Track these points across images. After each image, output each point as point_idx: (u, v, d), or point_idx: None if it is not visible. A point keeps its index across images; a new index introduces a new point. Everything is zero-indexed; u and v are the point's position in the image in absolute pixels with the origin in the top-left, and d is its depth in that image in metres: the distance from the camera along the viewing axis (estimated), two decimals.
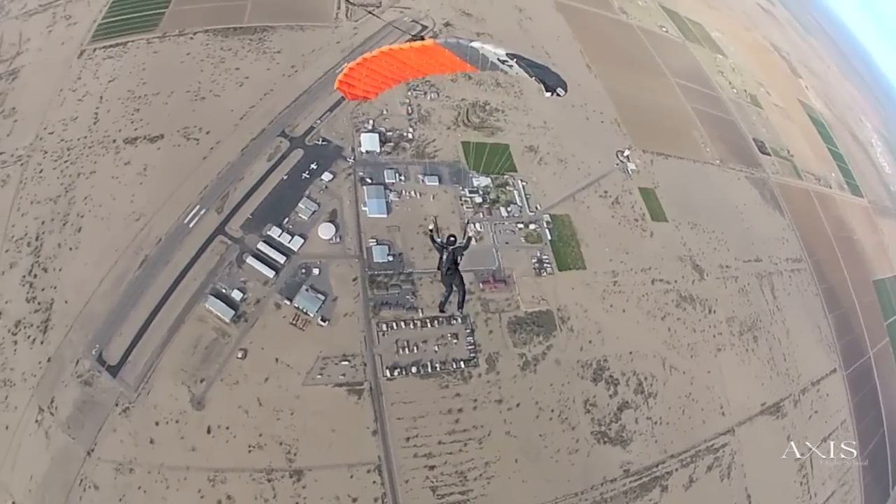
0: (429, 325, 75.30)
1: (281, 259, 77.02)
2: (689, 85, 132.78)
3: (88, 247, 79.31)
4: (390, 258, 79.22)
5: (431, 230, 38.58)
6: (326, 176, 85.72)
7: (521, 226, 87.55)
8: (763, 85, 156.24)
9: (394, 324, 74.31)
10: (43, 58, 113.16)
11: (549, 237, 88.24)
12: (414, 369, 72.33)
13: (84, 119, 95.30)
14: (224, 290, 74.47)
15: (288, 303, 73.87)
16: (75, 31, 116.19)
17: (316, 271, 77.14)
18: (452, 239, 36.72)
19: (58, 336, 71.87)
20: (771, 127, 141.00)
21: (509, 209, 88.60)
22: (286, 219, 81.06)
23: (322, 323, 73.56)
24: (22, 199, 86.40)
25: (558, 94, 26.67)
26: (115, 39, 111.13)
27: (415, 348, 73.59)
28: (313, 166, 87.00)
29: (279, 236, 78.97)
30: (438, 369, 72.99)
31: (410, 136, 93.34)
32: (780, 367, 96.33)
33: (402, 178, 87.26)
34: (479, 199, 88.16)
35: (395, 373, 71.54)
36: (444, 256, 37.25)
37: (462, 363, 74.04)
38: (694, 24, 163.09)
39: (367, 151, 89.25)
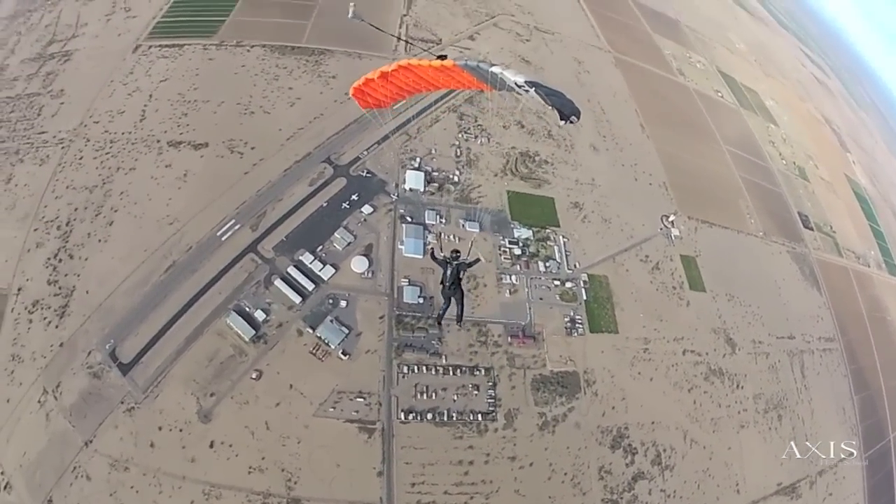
0: (451, 373, 76.49)
1: (309, 286, 79.25)
2: (739, 153, 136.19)
3: (118, 242, 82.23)
4: (420, 300, 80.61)
5: (433, 248, 38.54)
6: (367, 209, 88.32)
7: (557, 283, 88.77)
8: (812, 158, 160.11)
9: (415, 367, 75.47)
10: (98, 45, 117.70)
11: (585, 297, 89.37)
12: (430, 415, 73.35)
13: (131, 114, 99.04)
14: (247, 309, 76.82)
15: (311, 331, 75.68)
16: (133, 25, 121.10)
17: (343, 303, 79.07)
18: (456, 254, 39.15)
19: (74, 323, 74.63)
20: (816, 201, 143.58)
21: (547, 265, 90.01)
22: (320, 246, 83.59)
23: (342, 356, 75.10)
24: (58, 181, 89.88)
25: (571, 122, 27.68)
26: (171, 40, 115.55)
27: (434, 395, 74.61)
28: (354, 197, 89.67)
29: (311, 263, 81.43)
30: (455, 419, 73.92)
31: (456, 178, 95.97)
32: (800, 447, 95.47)
33: (443, 220, 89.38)
34: (518, 251, 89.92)
35: (410, 417, 72.62)
36: (448, 272, 39.35)
37: (480, 416, 74.91)
38: (749, 91, 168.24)
39: (411, 189, 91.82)
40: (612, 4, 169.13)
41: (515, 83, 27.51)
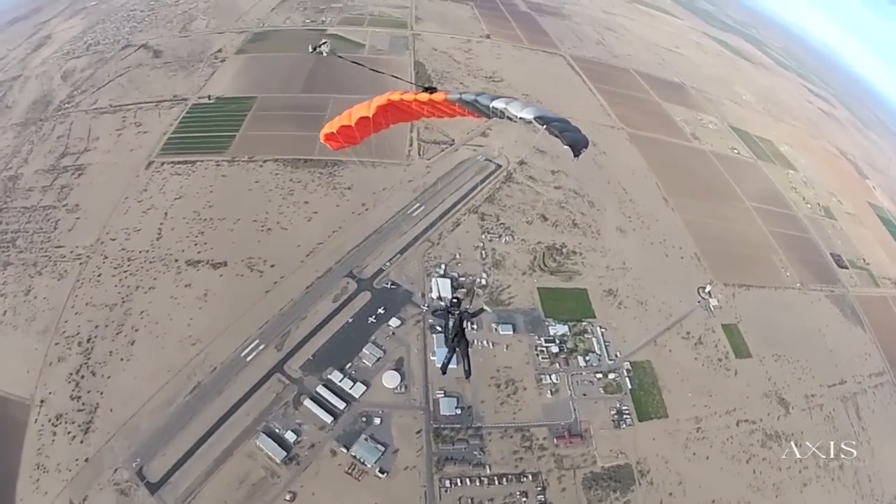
0: (497, 482, 77.01)
1: (340, 405, 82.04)
2: (765, 207, 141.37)
3: (140, 361, 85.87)
4: (458, 411, 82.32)
5: (428, 307, 38.07)
6: (394, 321, 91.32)
7: (599, 375, 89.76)
8: (834, 194, 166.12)
9: (458, 480, 76.44)
10: (111, 160, 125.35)
11: (630, 386, 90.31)
12: None
13: (147, 232, 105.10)
14: (277, 430, 79.48)
15: (345, 450, 77.24)
16: (144, 140, 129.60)
17: (377, 420, 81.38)
18: (456, 300, 37.44)
19: (98, 440, 78.00)
20: (846, 237, 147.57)
21: (587, 358, 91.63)
22: (349, 364, 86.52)
23: (380, 474, 75.75)
24: (77, 297, 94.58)
25: (581, 153, 26.53)
26: (183, 156, 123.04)
27: None
28: (381, 311, 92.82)
29: (340, 381, 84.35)
30: None
31: (484, 281, 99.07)
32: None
33: (475, 326, 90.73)
34: (555, 349, 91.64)
35: None
36: (451, 322, 37.79)
37: None
38: (764, 140, 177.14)
39: (439, 297, 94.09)
40: (618, 79, 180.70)
41: (522, 119, 25.66)
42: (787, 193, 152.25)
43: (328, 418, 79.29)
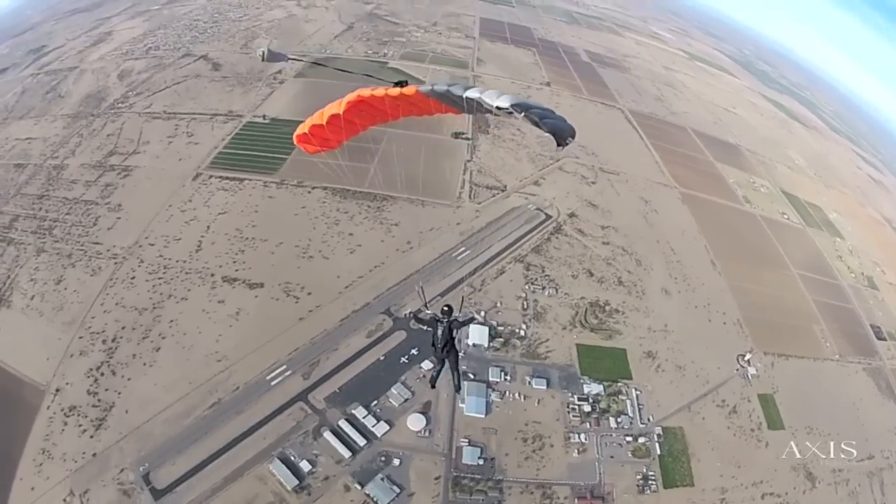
0: None
1: (361, 441, 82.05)
2: (810, 276, 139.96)
3: (163, 369, 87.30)
4: (481, 461, 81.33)
5: (412, 312, 38.28)
6: (426, 364, 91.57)
7: (629, 438, 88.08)
8: (878, 264, 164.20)
9: None
10: (158, 166, 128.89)
11: (659, 452, 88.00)
12: None
13: (187, 243, 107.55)
14: (292, 458, 79.68)
15: (359, 487, 76.54)
16: (195, 151, 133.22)
17: (396, 462, 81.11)
18: (446, 309, 35.73)
19: (109, 438, 79.31)
20: (887, 309, 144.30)
21: (619, 420, 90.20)
22: (375, 401, 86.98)
23: None
24: (108, 295, 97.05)
25: (567, 143, 24.86)
26: (232, 172, 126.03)
27: None
28: (414, 352, 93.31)
29: (364, 417, 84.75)
30: None
31: (523, 333, 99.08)
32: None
33: (508, 377, 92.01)
34: (587, 408, 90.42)
35: None
36: (439, 332, 35.58)
37: None
38: (813, 207, 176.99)
39: (474, 345, 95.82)
40: (674, 137, 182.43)
41: (497, 108, 24.27)
42: (832, 262, 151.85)
43: (346, 453, 79.29)
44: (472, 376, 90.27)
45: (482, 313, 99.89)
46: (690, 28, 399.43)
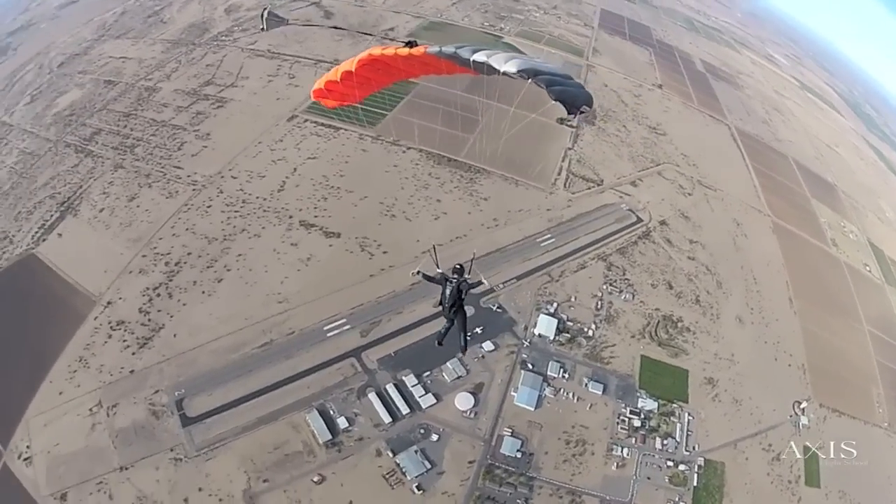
0: None
1: (404, 409, 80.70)
2: (879, 335, 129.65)
3: (221, 300, 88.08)
4: (519, 454, 78.52)
5: (420, 270, 37.50)
6: (488, 345, 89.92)
7: (670, 463, 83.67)
8: None
9: None
10: (254, 102, 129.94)
11: (695, 483, 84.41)
12: None
13: (270, 181, 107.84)
14: (331, 412, 78.95)
15: (391, 455, 75.09)
16: (294, 94, 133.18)
17: (435, 437, 79.47)
18: (458, 268, 36.35)
19: (151, 358, 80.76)
20: None
21: (665, 442, 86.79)
22: (428, 372, 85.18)
23: (416, 490, 72.94)
24: (180, 220, 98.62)
25: (583, 112, 24.40)
26: (329, 119, 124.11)
27: None
28: (478, 330, 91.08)
29: (413, 386, 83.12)
30: None
31: (591, 333, 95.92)
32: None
33: (567, 375, 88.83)
34: (637, 423, 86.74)
35: None
36: (448, 291, 36.38)
37: None
38: None
39: (540, 335, 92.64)
40: (775, 164, 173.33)
41: (506, 73, 24.34)
42: None
43: (387, 418, 78.22)
44: (530, 366, 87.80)
45: (555, 304, 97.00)
46: (805, 57, 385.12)
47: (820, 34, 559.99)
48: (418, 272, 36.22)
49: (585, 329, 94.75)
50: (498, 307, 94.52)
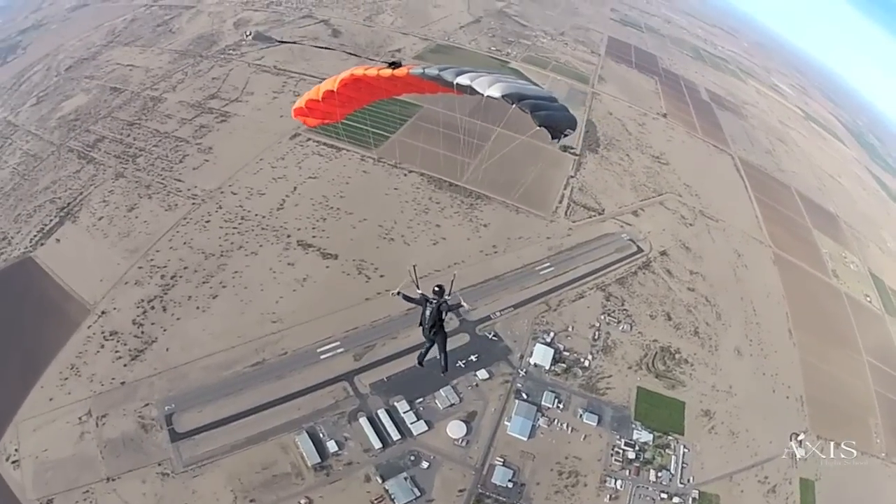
0: None
1: (395, 435, 79.80)
2: (878, 365, 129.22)
3: (215, 317, 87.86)
4: (510, 484, 77.72)
5: (400, 290, 36.23)
6: (482, 373, 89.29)
7: (664, 496, 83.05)
8: None
9: None
10: (258, 119, 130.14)
11: None
12: None
13: (270, 199, 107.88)
14: (321, 435, 78.46)
15: (380, 481, 74.48)
16: None
17: (425, 464, 78.56)
18: (437, 289, 35.13)
19: (142, 371, 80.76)
20: None
21: (660, 475, 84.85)
22: (420, 399, 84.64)
23: None
24: (178, 233, 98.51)
25: (566, 136, 24.33)
26: (331, 139, 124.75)
27: None
28: (473, 358, 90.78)
29: (405, 412, 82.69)
30: None
31: (587, 363, 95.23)
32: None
33: (561, 406, 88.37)
34: (632, 455, 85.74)
35: None
36: (428, 312, 35.60)
37: None
38: None
39: (536, 365, 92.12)
40: (778, 195, 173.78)
41: (490, 97, 24.05)
42: None
43: (377, 443, 77.70)
44: (524, 395, 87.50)
45: (552, 334, 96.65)
46: (810, 87, 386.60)
47: (825, 63, 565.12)
48: (398, 292, 35.81)
49: (582, 359, 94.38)
50: (494, 335, 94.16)
